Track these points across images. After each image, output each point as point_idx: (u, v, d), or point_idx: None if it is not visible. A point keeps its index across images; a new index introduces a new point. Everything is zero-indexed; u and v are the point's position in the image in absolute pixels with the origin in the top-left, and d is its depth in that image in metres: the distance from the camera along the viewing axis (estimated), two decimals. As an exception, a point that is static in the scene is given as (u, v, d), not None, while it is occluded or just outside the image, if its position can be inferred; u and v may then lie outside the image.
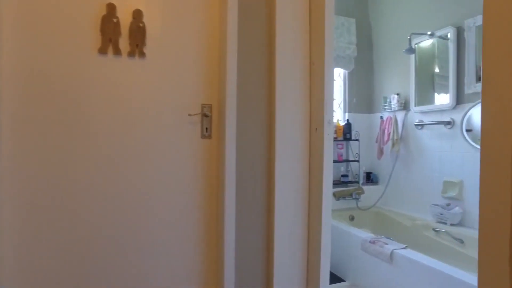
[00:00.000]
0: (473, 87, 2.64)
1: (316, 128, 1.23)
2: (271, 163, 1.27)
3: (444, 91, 2.92)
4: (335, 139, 3.40)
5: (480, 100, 2.54)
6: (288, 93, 1.26)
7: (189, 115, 1.52)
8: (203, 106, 1.52)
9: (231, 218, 1.29)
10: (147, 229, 1.53)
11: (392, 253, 2.11)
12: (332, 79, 1.27)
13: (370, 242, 2.33)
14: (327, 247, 1.16)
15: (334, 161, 3.48)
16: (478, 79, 2.61)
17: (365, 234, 2.49)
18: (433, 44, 3.03)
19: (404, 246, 2.17)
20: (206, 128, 1.49)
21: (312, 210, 1.23)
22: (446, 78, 2.89)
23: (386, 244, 2.23)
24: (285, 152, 1.24)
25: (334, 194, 3.33)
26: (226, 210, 1.30)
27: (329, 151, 1.20)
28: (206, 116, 1.49)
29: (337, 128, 3.41)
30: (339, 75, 3.74)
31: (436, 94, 3.00)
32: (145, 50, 1.50)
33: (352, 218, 3.32)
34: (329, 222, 1.20)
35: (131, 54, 1.49)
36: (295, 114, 1.25)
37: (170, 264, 1.56)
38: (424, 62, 3.11)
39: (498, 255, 0.56)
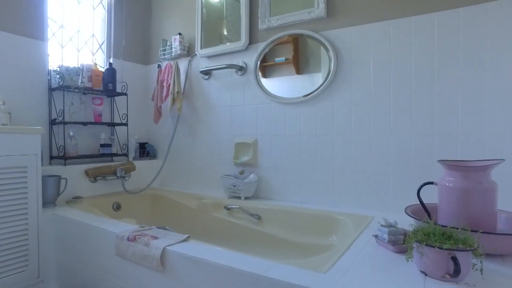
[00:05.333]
0: (267, 21, 2.08)
1: None
2: None
3: (232, 38, 2.26)
4: (91, 90, 2.21)
5: (274, 37, 1.95)
6: None
7: None
8: None
9: None
10: None
11: (163, 253, 1.18)
12: None
13: (129, 239, 1.32)
14: None
15: (90, 123, 2.27)
16: (273, 12, 2.08)
17: (121, 227, 1.46)
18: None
19: (185, 236, 1.29)
20: None
21: None
22: (235, 29, 2.24)
23: (156, 238, 1.28)
24: None
25: (86, 173, 2.14)
26: None
27: None
28: None
29: (92, 74, 2.22)
30: (101, 3, 2.54)
31: (225, 36, 2.33)
32: None
33: (118, 207, 2.23)
34: None
35: None
36: None
37: None
38: (212, 10, 2.39)
39: None
